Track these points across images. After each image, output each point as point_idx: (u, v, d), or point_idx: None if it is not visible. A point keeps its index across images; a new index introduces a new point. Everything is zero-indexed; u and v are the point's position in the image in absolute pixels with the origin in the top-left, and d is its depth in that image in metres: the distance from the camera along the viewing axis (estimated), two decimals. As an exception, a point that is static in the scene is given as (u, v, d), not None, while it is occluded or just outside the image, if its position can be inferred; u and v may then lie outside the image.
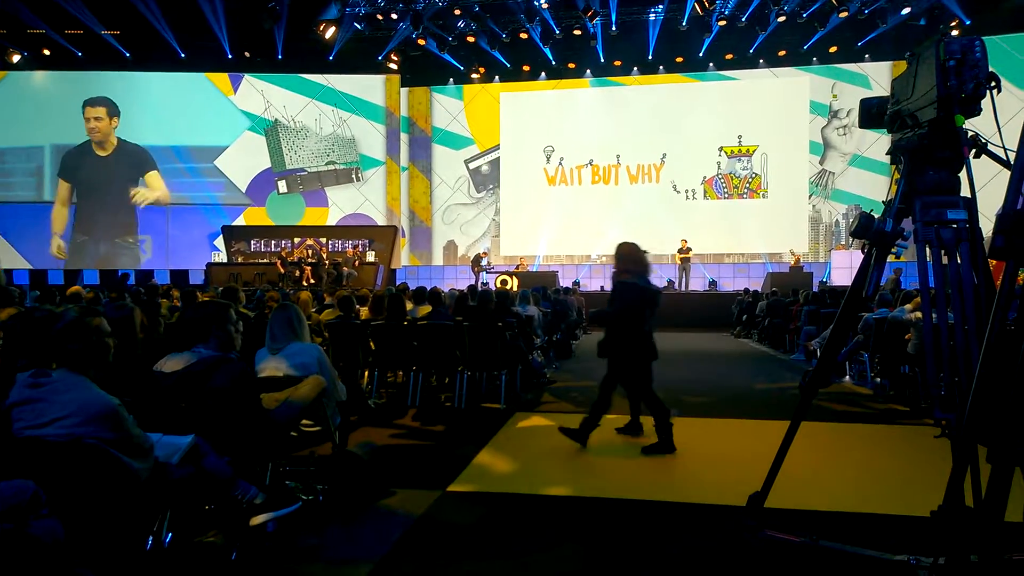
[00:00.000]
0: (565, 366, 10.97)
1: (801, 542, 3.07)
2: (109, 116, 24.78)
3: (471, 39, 22.53)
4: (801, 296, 13.33)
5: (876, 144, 21.99)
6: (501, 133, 25.21)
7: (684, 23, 21.35)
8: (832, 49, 22.10)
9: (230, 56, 23.66)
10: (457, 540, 3.84)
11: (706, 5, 19.94)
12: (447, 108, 25.55)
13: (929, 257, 2.78)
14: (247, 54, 23.97)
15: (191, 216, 24.96)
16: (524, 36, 22.10)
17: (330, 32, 21.87)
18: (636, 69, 23.85)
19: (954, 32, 18.94)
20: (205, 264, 22.14)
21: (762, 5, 20.27)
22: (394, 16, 21.31)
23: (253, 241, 23.03)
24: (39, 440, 2.73)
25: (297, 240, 22.59)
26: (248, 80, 25.02)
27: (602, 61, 23.57)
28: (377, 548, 3.63)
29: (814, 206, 23.36)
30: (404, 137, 25.54)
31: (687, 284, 21.30)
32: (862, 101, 3.28)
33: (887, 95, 3.16)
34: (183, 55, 23.57)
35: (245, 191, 25.13)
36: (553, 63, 23.72)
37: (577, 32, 22.04)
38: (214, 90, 25.00)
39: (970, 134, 2.74)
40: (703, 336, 16.46)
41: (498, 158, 25.23)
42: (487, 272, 21.17)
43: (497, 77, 24.76)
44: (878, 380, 8.52)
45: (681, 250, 21.16)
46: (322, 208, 25.29)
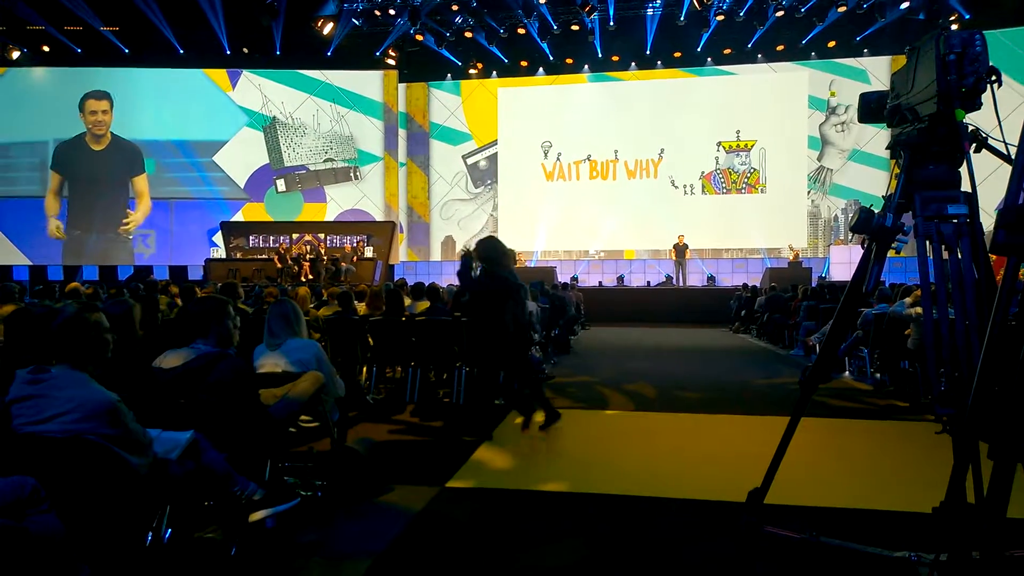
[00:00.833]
0: (563, 362, 10.97)
1: (801, 538, 3.07)
2: (111, 109, 24.77)
3: (469, 34, 22.48)
4: (800, 291, 13.33)
5: (875, 139, 21.99)
6: (499, 128, 25.15)
7: (682, 18, 21.31)
8: (831, 44, 22.03)
9: (228, 52, 23.61)
10: (455, 536, 3.84)
11: (704, 0, 19.91)
12: (445, 103, 25.51)
13: (929, 252, 2.77)
14: (245, 50, 23.90)
15: (189, 212, 24.92)
16: (522, 31, 22.06)
17: (328, 28, 21.84)
18: (634, 64, 23.80)
19: (954, 26, 18.92)
20: (204, 260, 22.11)
21: (760, 0, 20.25)
22: (392, 12, 21.29)
23: (251, 237, 22.98)
24: (39, 436, 2.72)
25: (295, 236, 22.54)
26: (246, 76, 24.95)
27: (600, 56, 23.52)
28: (376, 544, 3.63)
29: (813, 201, 23.35)
30: (402, 133, 25.50)
31: (684, 279, 21.30)
32: (861, 95, 3.26)
33: (886, 89, 3.15)
34: (181, 51, 23.54)
35: (243, 187, 25.10)
36: (551, 58, 23.66)
37: (575, 27, 22.00)
38: (212, 86, 24.92)
39: (970, 128, 2.73)
40: (701, 332, 16.47)
41: (496, 153, 25.19)
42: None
43: (495, 72, 24.70)
44: (878, 376, 8.53)
45: (677, 245, 21.14)
46: (320, 204, 25.25)
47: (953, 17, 19.57)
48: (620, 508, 4.24)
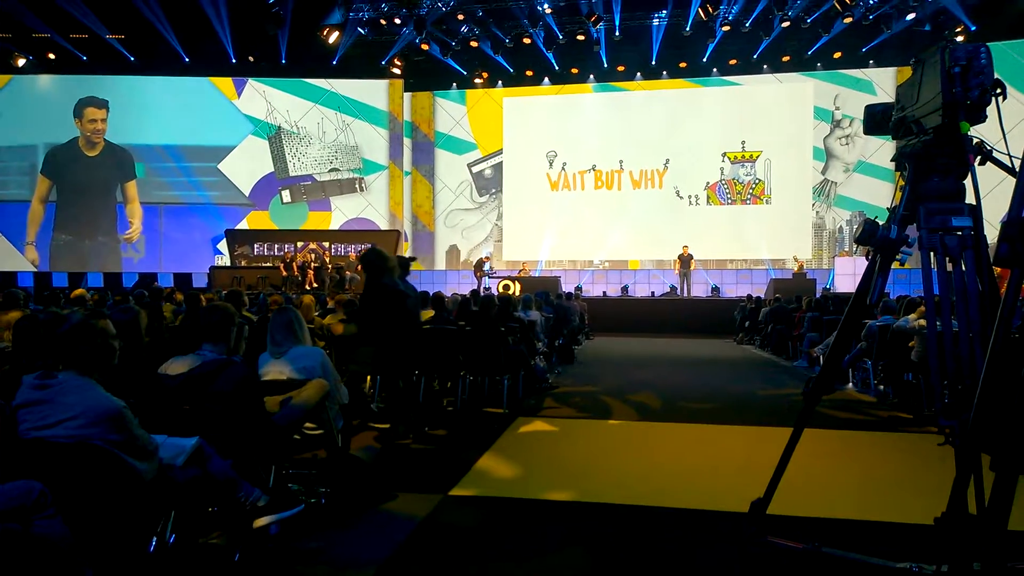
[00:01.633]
0: (567, 371, 10.96)
1: (804, 549, 3.06)
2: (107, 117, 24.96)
3: (474, 44, 22.57)
4: (804, 302, 13.31)
5: (880, 151, 21.99)
6: (504, 138, 25.23)
7: (688, 28, 21.33)
8: (836, 55, 22.03)
9: (234, 60, 23.73)
10: (459, 544, 3.84)
11: (710, 10, 19.95)
12: (450, 113, 25.59)
13: (933, 264, 2.78)
14: (251, 58, 24.02)
15: (194, 219, 25.02)
16: (527, 41, 22.13)
17: (334, 37, 21.92)
18: (639, 74, 23.85)
19: (959, 38, 18.93)
20: (208, 267, 22.18)
21: (766, 10, 20.28)
22: (397, 21, 21.35)
23: (256, 245, 23.05)
24: (45, 441, 2.74)
25: (300, 244, 22.60)
26: (252, 84, 25.08)
27: (605, 66, 23.56)
28: (379, 551, 3.63)
29: (817, 212, 23.34)
30: (407, 142, 25.59)
31: (689, 290, 21.28)
32: (867, 107, 3.27)
33: (892, 101, 3.16)
34: (187, 59, 23.66)
35: (248, 195, 25.18)
36: (556, 68, 23.72)
37: (580, 37, 22.03)
38: (218, 94, 25.07)
39: (975, 141, 2.74)
40: (705, 342, 16.44)
41: (501, 163, 25.25)
42: (489, 277, 21.17)
43: (500, 82, 24.79)
44: (881, 387, 8.50)
45: (681, 256, 21.12)
46: (325, 212, 25.33)
47: (959, 29, 19.58)
48: (623, 517, 4.24)
